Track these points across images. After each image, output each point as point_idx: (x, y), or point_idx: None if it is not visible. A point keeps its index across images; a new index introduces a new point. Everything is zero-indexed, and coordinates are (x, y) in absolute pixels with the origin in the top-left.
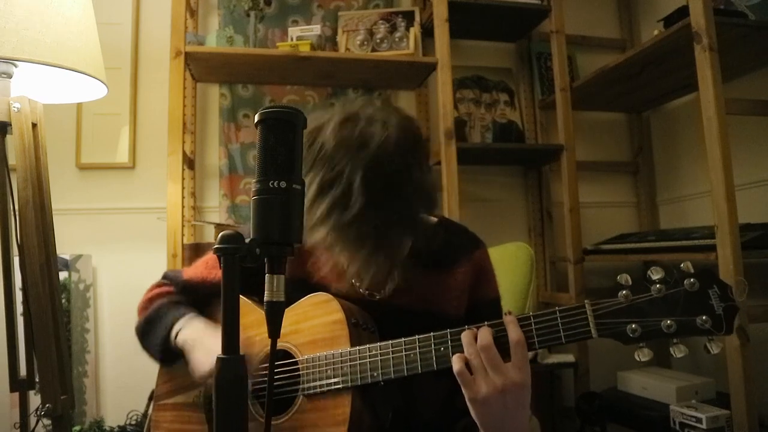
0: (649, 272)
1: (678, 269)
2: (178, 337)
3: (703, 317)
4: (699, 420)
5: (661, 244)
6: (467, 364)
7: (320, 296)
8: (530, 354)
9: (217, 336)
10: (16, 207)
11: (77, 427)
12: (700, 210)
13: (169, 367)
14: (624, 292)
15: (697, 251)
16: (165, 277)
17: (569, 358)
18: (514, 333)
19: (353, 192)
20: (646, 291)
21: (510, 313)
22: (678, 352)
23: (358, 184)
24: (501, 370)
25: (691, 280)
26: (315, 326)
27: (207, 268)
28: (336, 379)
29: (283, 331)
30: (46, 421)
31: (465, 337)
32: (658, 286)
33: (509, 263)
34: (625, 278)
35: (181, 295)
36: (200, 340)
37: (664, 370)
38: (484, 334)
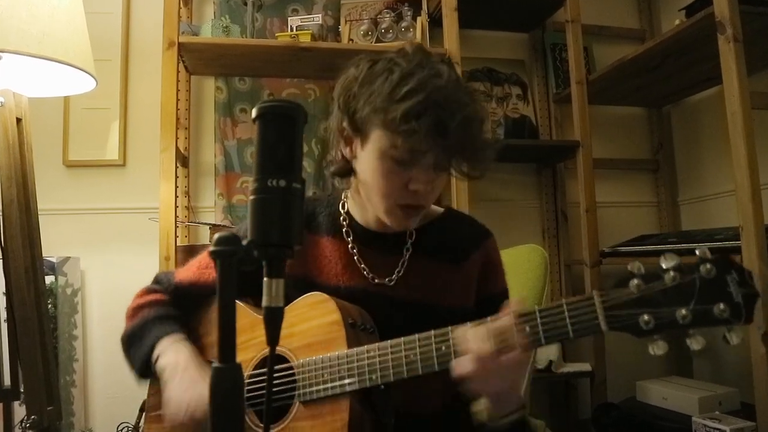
0: (661, 259)
1: (695, 259)
2: (158, 363)
3: (721, 306)
4: None
5: (683, 246)
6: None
7: (316, 296)
8: (544, 362)
9: (197, 370)
10: (0, 207)
11: None
12: (723, 210)
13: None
14: (635, 281)
15: None
16: (156, 280)
17: (586, 367)
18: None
19: None
20: (659, 280)
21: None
22: (695, 344)
23: None
24: (517, 366)
25: (708, 266)
26: (311, 328)
27: (200, 268)
28: (333, 384)
29: None
30: None
31: (475, 333)
32: (672, 274)
33: (522, 266)
34: (637, 266)
35: (171, 302)
36: (179, 371)
37: (685, 379)
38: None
